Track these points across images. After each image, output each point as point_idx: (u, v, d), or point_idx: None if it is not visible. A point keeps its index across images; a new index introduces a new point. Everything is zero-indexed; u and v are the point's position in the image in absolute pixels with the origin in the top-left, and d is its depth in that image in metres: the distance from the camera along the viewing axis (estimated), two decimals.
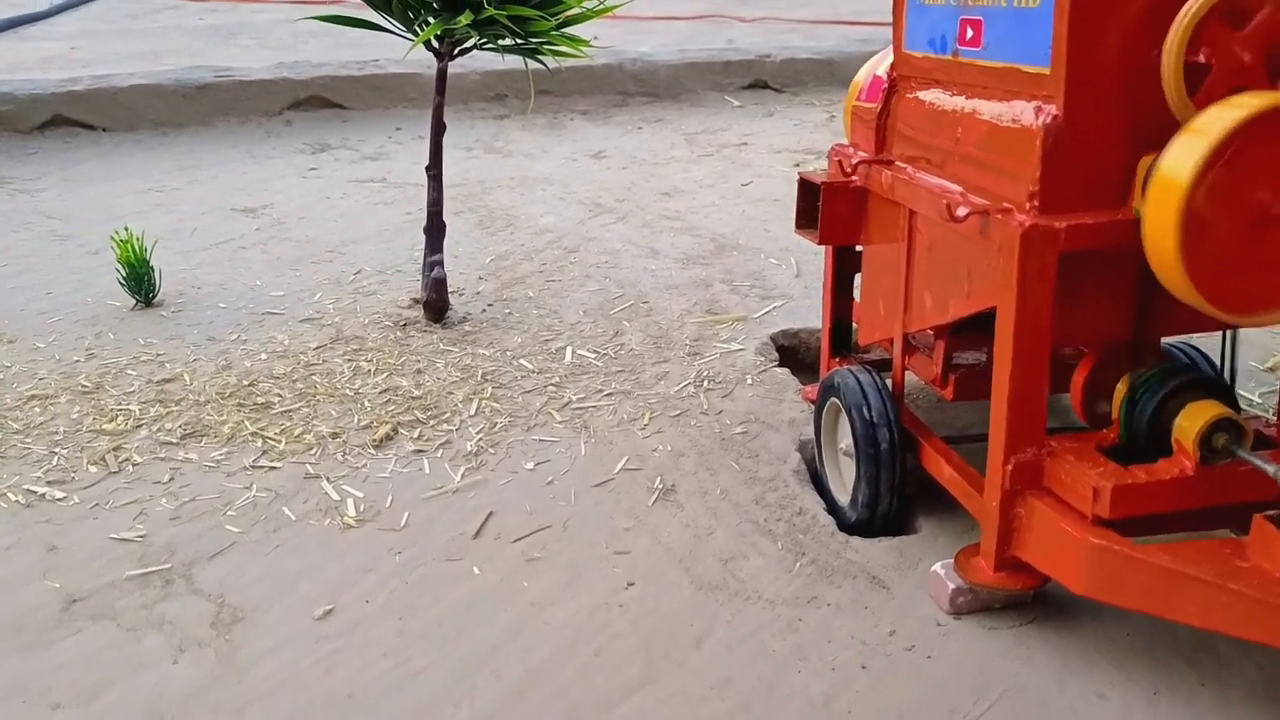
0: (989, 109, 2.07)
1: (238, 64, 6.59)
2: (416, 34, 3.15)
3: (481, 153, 5.71)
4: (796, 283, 3.77)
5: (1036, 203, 1.89)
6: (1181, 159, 1.63)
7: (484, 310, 3.60)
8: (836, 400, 2.46)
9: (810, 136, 5.92)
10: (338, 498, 2.53)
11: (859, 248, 2.72)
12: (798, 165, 5.35)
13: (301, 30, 8.14)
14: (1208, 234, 1.67)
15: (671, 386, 3.02)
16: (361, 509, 2.48)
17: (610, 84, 6.56)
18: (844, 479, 2.53)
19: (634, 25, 3.28)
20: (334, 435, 2.80)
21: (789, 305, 3.58)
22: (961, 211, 1.98)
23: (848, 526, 2.41)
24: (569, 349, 3.28)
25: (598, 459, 2.67)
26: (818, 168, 5.32)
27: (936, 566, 2.12)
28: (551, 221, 4.54)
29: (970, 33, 2.15)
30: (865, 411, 2.34)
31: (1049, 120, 1.87)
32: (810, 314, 3.51)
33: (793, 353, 3.38)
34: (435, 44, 3.31)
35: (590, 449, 2.72)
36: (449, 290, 3.52)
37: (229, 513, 2.48)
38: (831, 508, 2.49)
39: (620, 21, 3.36)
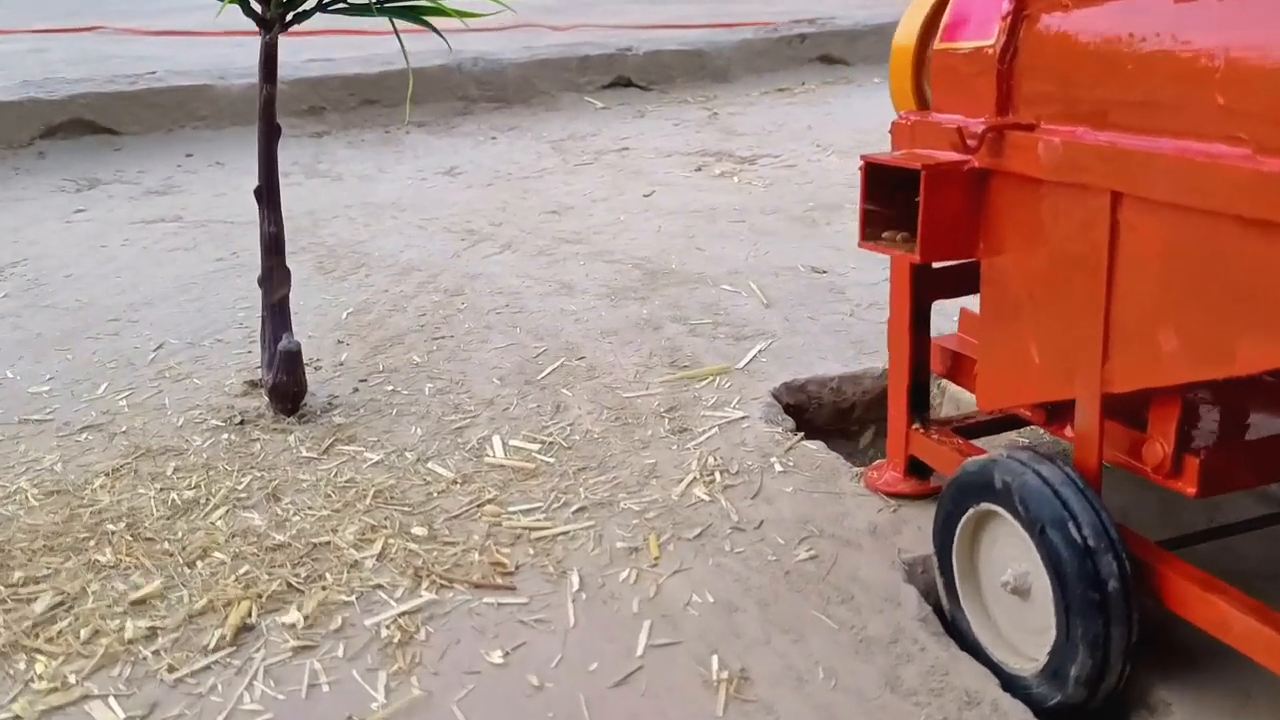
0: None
1: None
2: None
3: (302, 178, 4.56)
4: (771, 315, 2.85)
5: None
6: None
7: (355, 390, 2.52)
8: (1000, 510, 1.54)
9: (697, 137, 5.04)
10: None
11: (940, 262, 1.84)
12: (699, 169, 4.46)
13: (52, 59, 6.65)
14: None
15: (670, 488, 2.04)
16: None
17: (448, 89, 5.51)
18: (1000, 627, 1.62)
19: (438, 42, 2.58)
20: (150, 634, 1.68)
21: (775, 346, 2.66)
22: None
23: (1042, 709, 1.49)
24: (496, 439, 2.25)
25: (602, 630, 1.66)
26: (722, 171, 4.46)
27: None
28: (416, 256, 3.47)
29: None
30: (1074, 530, 1.43)
31: None
32: (806, 355, 2.60)
33: (799, 411, 2.46)
34: (258, 6, 2.23)
35: (583, 613, 1.71)
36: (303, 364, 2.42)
37: None
38: (1000, 677, 1.56)
39: (425, 36, 2.37)
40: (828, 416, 2.50)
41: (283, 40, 2.32)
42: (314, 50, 5.72)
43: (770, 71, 6.17)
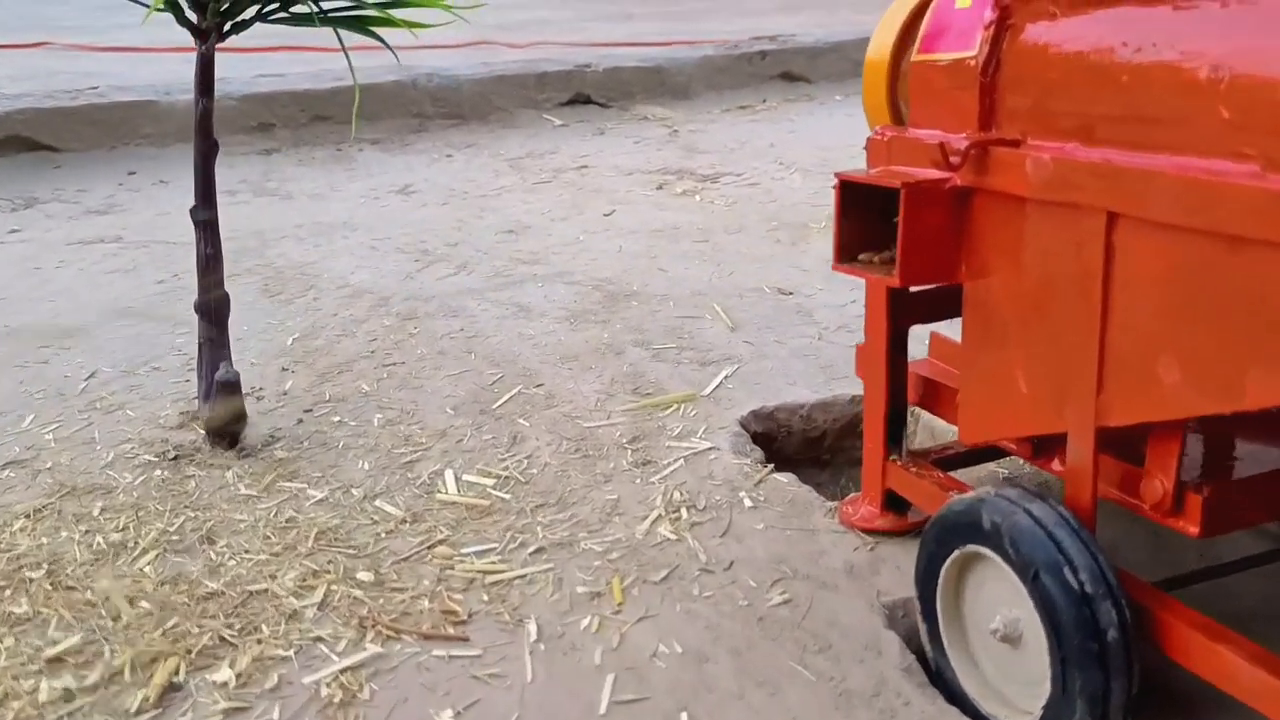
0: None
1: None
2: None
3: (250, 196, 4.41)
4: (736, 338, 2.75)
5: None
6: None
7: (299, 421, 2.38)
8: (988, 552, 1.44)
9: (658, 155, 4.95)
10: None
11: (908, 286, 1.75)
12: (660, 187, 4.36)
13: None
14: None
15: (634, 525, 1.92)
16: None
17: (402, 106, 5.38)
18: (989, 677, 1.51)
19: (391, 57, 2.50)
20: (66, 696, 1.54)
21: (741, 371, 2.55)
22: None
23: None
24: (448, 474, 2.12)
25: (562, 685, 1.54)
26: (684, 189, 4.37)
27: None
28: (367, 278, 3.34)
29: None
30: (1070, 575, 1.32)
31: None
32: (774, 381, 2.50)
33: (768, 440, 2.35)
34: (193, 15, 2.10)
35: (542, 665, 1.58)
36: (243, 394, 2.28)
37: None
38: None
39: (378, 52, 2.25)
40: (797, 445, 2.40)
41: (233, 56, 2.20)
42: (265, 66, 5.57)
43: (731, 89, 6.10)
